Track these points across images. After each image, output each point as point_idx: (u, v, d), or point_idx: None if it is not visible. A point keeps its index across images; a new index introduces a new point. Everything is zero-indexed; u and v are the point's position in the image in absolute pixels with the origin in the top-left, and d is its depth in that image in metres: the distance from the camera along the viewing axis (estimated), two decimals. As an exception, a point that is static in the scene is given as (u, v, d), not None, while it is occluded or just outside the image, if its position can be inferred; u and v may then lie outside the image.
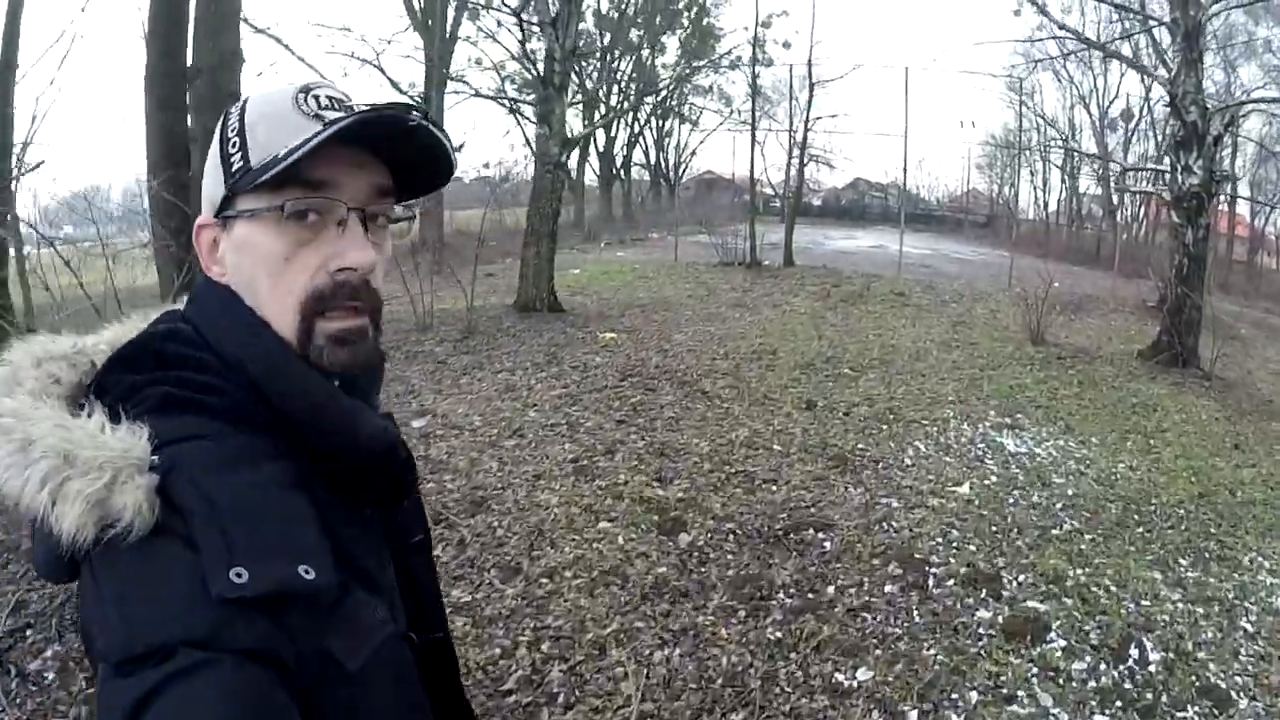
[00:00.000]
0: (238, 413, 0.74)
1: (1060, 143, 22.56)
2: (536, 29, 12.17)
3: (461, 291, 11.19)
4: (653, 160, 33.25)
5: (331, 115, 0.78)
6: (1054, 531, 4.93)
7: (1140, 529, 5.11)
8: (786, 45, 24.90)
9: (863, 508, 5.10)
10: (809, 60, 16.41)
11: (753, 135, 16.75)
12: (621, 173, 31.44)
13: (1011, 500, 5.36)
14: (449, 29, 21.53)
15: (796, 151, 16.80)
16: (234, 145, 0.78)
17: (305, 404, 0.77)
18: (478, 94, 13.94)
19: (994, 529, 4.89)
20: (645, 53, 29.57)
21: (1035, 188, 33.30)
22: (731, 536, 4.67)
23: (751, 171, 17.35)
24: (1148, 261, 18.18)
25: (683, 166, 34.99)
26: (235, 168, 0.78)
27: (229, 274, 0.81)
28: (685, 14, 28.64)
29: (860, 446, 6.25)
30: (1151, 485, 5.86)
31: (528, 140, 27.54)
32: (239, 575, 0.63)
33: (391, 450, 0.84)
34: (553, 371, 8.36)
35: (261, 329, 0.78)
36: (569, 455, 5.92)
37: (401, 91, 21.44)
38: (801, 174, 16.98)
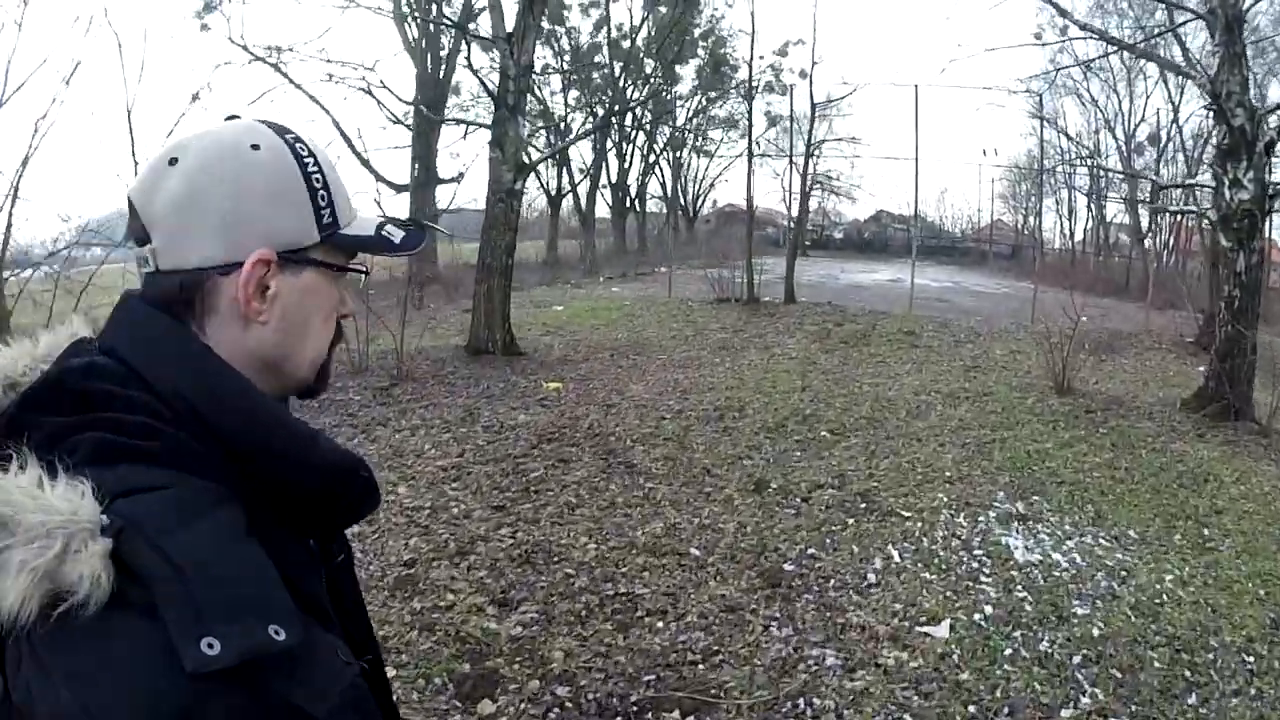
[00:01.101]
0: (181, 456, 0.67)
1: (1087, 160, 20.42)
2: (490, 43, 10.72)
3: (453, 327, 9.72)
4: (669, 192, 31.86)
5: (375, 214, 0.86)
6: (1066, 714, 3.16)
7: (1193, 696, 3.33)
8: (803, 74, 23.32)
9: (777, 667, 3.37)
10: (810, 80, 14.84)
11: (749, 163, 15.13)
12: (636, 204, 30.04)
13: (1009, 651, 3.58)
14: (444, 55, 20.34)
15: (799, 178, 15.10)
16: (323, 198, 0.79)
17: (264, 433, 0.72)
18: (444, 121, 12.68)
19: (975, 711, 3.14)
20: (658, 81, 28.28)
21: (1060, 216, 31.20)
22: (555, 715, 3.00)
23: (750, 202, 15.69)
24: (1185, 292, 16.20)
25: (701, 199, 33.52)
26: (326, 220, 0.79)
27: (275, 314, 0.77)
28: (701, 44, 27.29)
29: (810, 554, 4.52)
30: (1209, 612, 4.04)
31: (536, 173, 26.30)
32: (210, 646, 0.56)
33: (354, 471, 0.79)
34: (460, 433, 6.77)
35: (211, 356, 0.73)
36: (405, 557, 4.31)
37: (396, 120, 20.25)
38: (805, 201, 15.28)
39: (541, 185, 26.11)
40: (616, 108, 17.79)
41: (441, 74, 20.76)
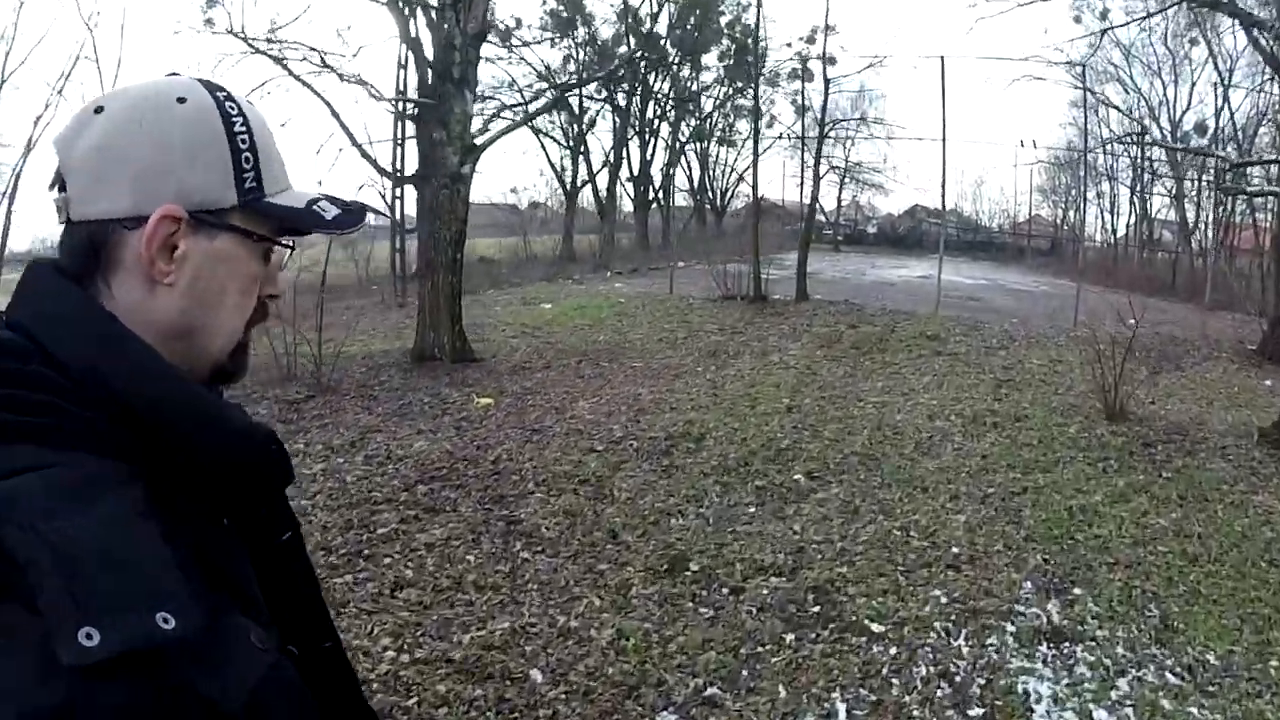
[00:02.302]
0: (82, 435, 0.59)
1: (1139, 138, 17.74)
2: (433, 8, 9.06)
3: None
4: (695, 184, 29.93)
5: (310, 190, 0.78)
6: None
7: None
8: (831, 61, 21.31)
9: None
10: (823, 53, 12.88)
11: (754, 147, 13.27)
12: (660, 196, 28.17)
13: None
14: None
15: (815, 163, 13.15)
16: (248, 160, 0.71)
17: (172, 404, 0.65)
18: (395, 99, 10.93)
19: None
20: (685, 71, 26.43)
21: (1102, 210, 28.53)
22: None
23: (755, 189, 13.87)
24: (1241, 292, 14.02)
25: (729, 192, 31.52)
26: (249, 184, 0.71)
27: (184, 277, 0.69)
28: (726, 32, 25.34)
29: (709, 695, 2.78)
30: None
31: (552, 163, 24.69)
32: (89, 637, 0.49)
33: (265, 442, 0.72)
34: (335, 464, 5.17)
35: (117, 325, 0.65)
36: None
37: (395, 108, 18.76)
38: (817, 185, 13.36)
39: (557, 175, 24.50)
40: (580, 78, 15.86)
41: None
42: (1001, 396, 7.56)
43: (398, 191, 18.84)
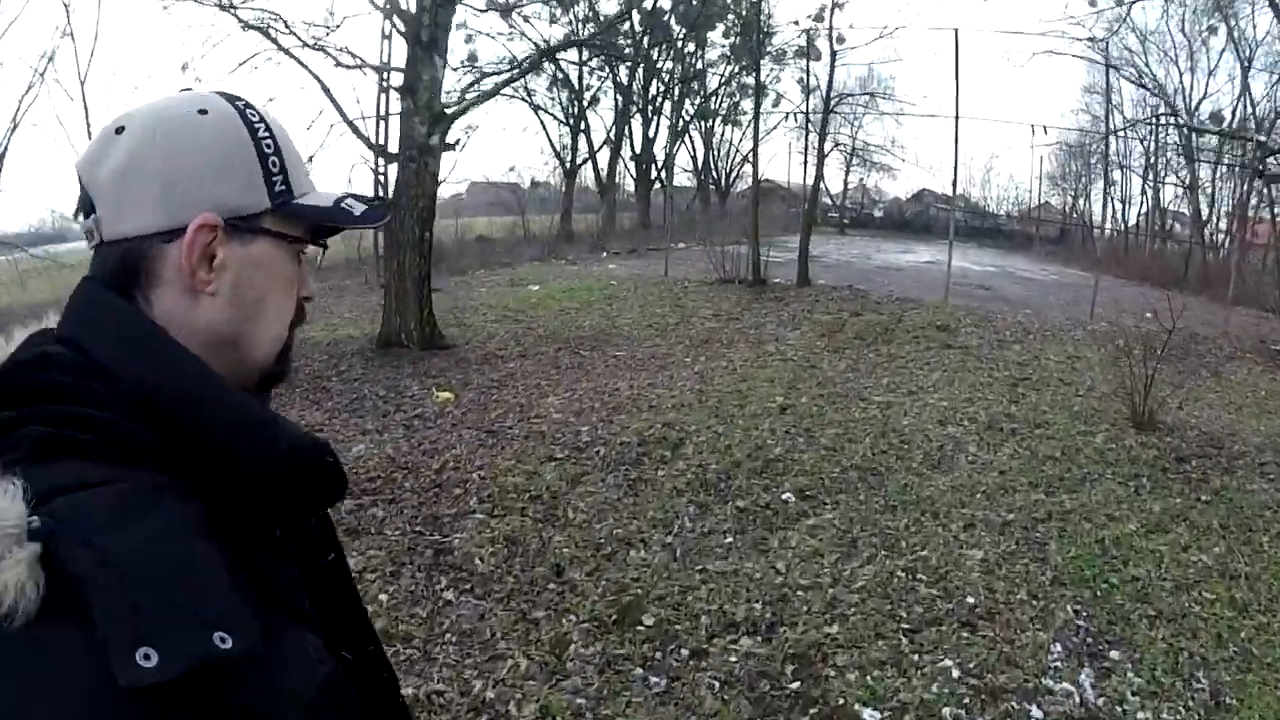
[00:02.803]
0: (134, 450, 0.58)
1: (1167, 117, 16.44)
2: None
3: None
4: (699, 164, 28.96)
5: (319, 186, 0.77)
6: None
7: None
8: (840, 40, 20.36)
9: None
10: (829, 25, 11.92)
11: (755, 123, 12.36)
12: (663, 176, 27.25)
13: None
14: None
15: (817, 139, 12.27)
16: (275, 164, 0.71)
17: (224, 419, 0.63)
18: (353, 67, 10.14)
19: None
20: (690, 48, 25.41)
21: (1112, 198, 27.48)
22: None
23: (755, 166, 13.02)
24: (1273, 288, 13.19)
25: (734, 172, 30.53)
26: (279, 188, 0.71)
27: (225, 286, 0.68)
28: (732, 6, 24.28)
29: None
30: None
31: (551, 141, 23.82)
32: (147, 657, 0.47)
33: (319, 455, 0.68)
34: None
35: (174, 344, 0.65)
36: None
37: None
38: (821, 163, 12.50)
39: (556, 153, 23.60)
40: (548, 45, 14.83)
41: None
42: (1018, 398, 6.80)
43: (382, 166, 18.16)
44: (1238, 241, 21.39)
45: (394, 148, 16.23)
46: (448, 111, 7.94)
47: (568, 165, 23.30)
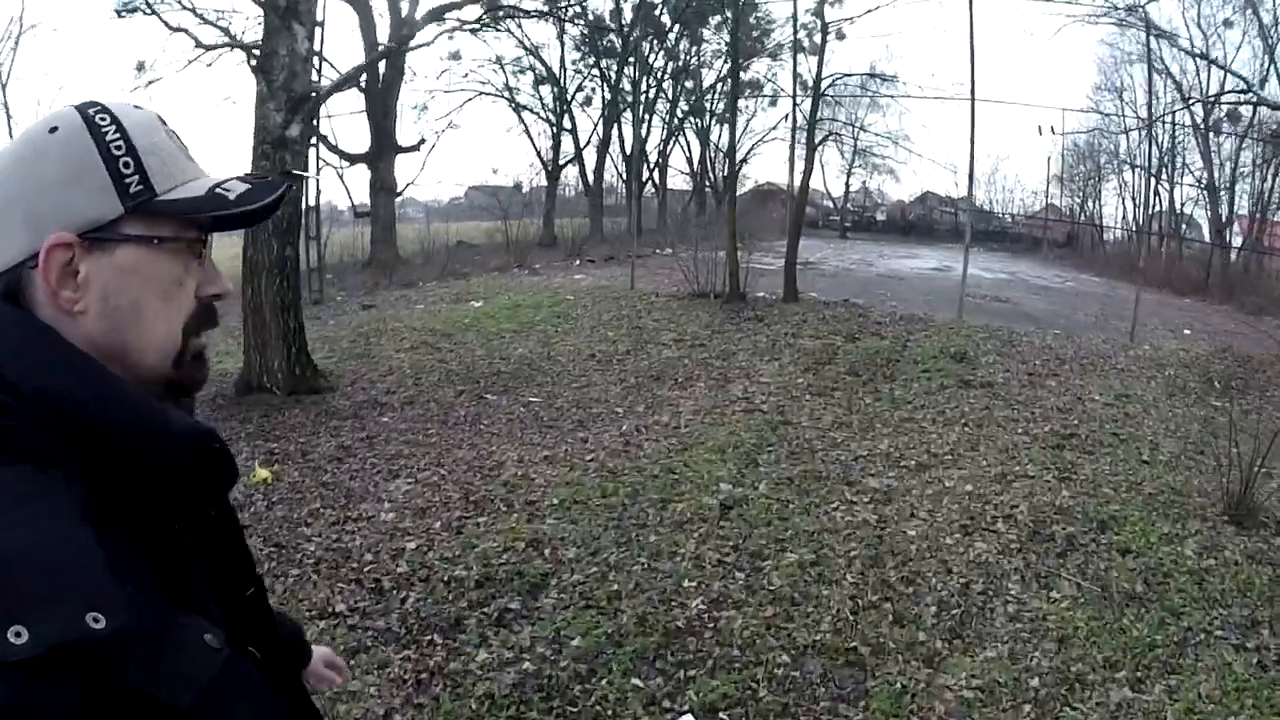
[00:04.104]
0: (24, 449, 0.57)
1: (1243, 92, 13.60)
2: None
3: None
4: (695, 166, 26.74)
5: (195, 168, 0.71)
6: None
7: None
8: (840, 36, 18.14)
9: None
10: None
11: (733, 114, 10.17)
12: (655, 176, 25.06)
13: None
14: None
15: (806, 125, 10.05)
16: (127, 165, 0.65)
17: (113, 409, 0.61)
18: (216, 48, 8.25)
19: None
20: (683, 44, 23.24)
21: (1124, 200, 25.16)
22: None
23: (733, 158, 10.82)
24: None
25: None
26: (135, 189, 0.65)
27: (93, 300, 0.64)
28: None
29: None
30: None
31: (533, 141, 21.76)
32: (18, 635, 0.48)
33: (207, 442, 0.66)
34: None
35: (54, 336, 0.63)
36: None
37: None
38: (810, 155, 10.28)
39: (538, 153, 21.48)
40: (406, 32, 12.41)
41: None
42: (1068, 470, 4.69)
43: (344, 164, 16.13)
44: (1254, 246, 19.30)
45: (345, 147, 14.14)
46: (305, 95, 5.83)
47: (549, 167, 21.20)
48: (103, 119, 0.66)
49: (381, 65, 15.73)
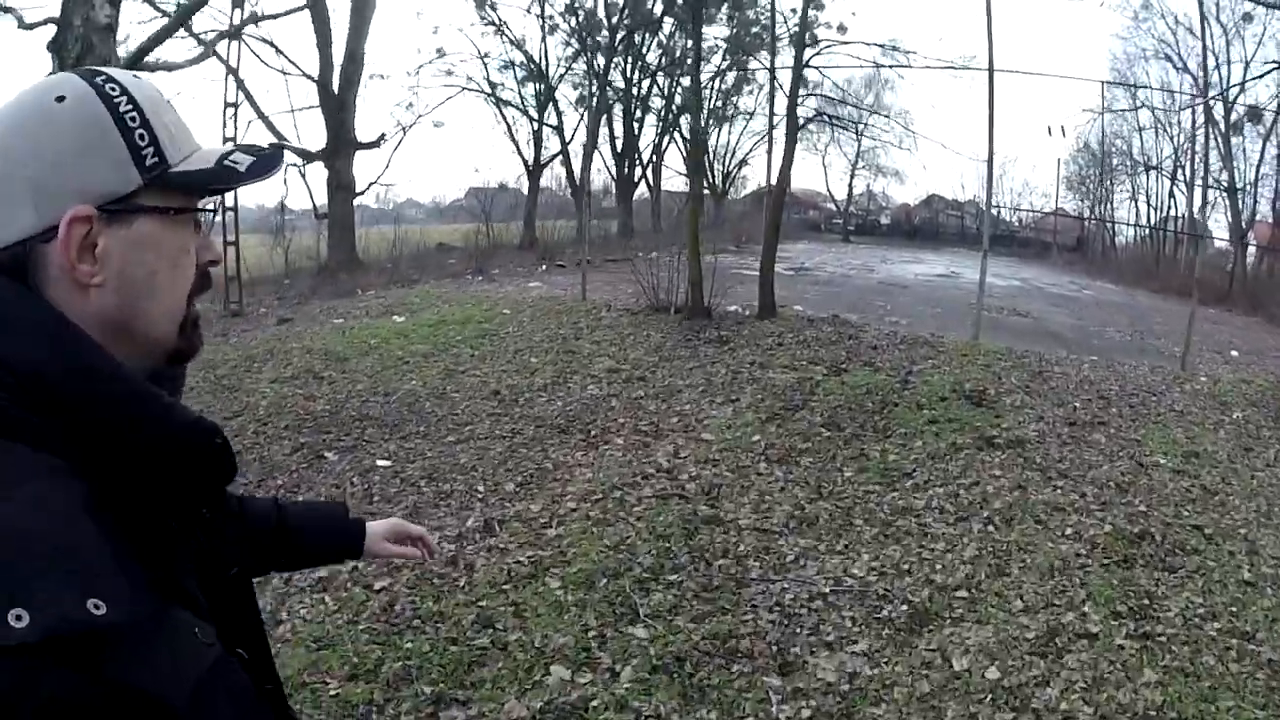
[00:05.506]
0: (20, 430, 0.55)
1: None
2: None
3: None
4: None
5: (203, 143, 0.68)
6: None
7: None
8: (841, 29, 16.22)
9: None
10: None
11: (696, 94, 8.27)
12: (649, 176, 23.09)
13: None
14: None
15: (786, 100, 8.05)
16: (142, 137, 0.62)
17: (120, 405, 0.59)
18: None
19: None
20: (675, 36, 21.31)
21: (1138, 202, 23.13)
22: None
23: (697, 148, 8.94)
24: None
25: (731, 176, 26.28)
26: (150, 161, 0.62)
27: (111, 273, 0.61)
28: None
29: None
30: None
31: (514, 139, 19.91)
32: (19, 618, 0.46)
33: (209, 437, 0.62)
34: None
35: (78, 333, 0.59)
36: None
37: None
38: (793, 138, 8.29)
39: (517, 149, 19.57)
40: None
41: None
42: (1145, 614, 2.80)
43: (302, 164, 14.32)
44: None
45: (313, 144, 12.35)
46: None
47: (529, 165, 19.33)
48: (113, 88, 0.62)
49: (337, 58, 13.94)
